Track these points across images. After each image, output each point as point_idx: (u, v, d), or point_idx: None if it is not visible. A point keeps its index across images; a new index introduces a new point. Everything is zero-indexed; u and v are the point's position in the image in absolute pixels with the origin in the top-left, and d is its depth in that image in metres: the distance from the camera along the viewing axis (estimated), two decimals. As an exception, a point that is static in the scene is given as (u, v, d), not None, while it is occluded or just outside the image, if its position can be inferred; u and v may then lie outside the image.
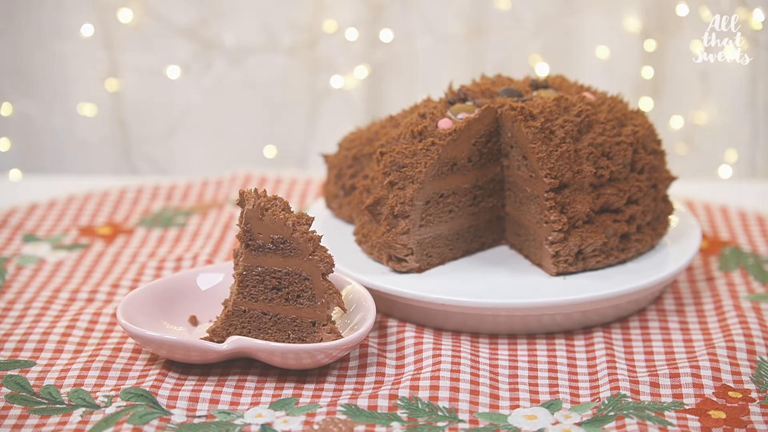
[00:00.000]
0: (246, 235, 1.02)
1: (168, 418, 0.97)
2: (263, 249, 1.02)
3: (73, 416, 0.97)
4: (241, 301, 1.03)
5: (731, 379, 1.02)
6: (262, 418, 0.97)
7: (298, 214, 1.02)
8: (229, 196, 1.37)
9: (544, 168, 1.08)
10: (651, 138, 1.15)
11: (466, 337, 1.08)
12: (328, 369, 1.03)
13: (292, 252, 1.01)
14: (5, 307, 1.13)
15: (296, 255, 1.01)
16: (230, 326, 1.03)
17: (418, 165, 1.09)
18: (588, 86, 1.17)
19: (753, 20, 1.49)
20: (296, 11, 1.55)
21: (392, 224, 1.10)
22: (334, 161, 1.21)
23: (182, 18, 1.54)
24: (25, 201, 1.35)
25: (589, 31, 1.57)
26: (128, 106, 1.58)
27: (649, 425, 0.95)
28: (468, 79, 1.22)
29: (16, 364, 1.04)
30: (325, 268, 1.01)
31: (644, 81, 1.57)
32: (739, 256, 1.22)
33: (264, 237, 1.01)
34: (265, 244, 1.01)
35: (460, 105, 1.13)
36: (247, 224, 1.01)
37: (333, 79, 1.57)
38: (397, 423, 0.96)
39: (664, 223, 1.15)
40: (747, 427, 0.96)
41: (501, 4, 1.56)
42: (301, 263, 1.01)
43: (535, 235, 1.12)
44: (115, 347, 1.06)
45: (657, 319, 1.11)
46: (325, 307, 1.02)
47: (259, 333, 1.04)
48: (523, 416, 0.98)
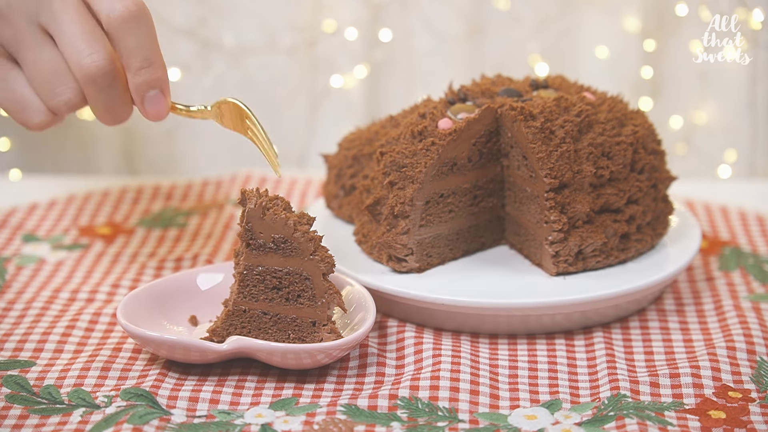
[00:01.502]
0: (247, 234, 1.02)
1: (168, 418, 0.97)
2: (264, 248, 1.02)
3: (73, 416, 0.97)
4: (242, 301, 1.03)
5: (731, 379, 1.02)
6: (262, 418, 0.97)
7: (299, 213, 1.02)
8: (229, 196, 1.37)
9: (544, 168, 1.08)
10: (651, 138, 1.15)
11: (466, 337, 1.08)
12: (328, 369, 1.03)
13: (293, 252, 1.01)
14: (5, 307, 1.13)
15: (297, 255, 1.01)
16: (230, 326, 1.03)
17: (418, 165, 1.09)
18: (588, 86, 1.17)
19: (753, 20, 1.48)
20: (296, 11, 1.55)
21: (392, 224, 1.10)
22: (334, 161, 1.21)
23: (181, 18, 1.54)
24: (25, 201, 1.35)
25: (589, 31, 1.57)
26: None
27: (649, 425, 0.95)
28: (468, 79, 1.22)
29: (16, 364, 1.04)
30: (326, 268, 1.01)
31: (644, 81, 1.56)
32: (739, 256, 1.22)
33: (265, 236, 1.01)
34: (266, 243, 1.01)
35: (460, 105, 1.13)
36: (248, 223, 1.01)
37: (333, 79, 1.57)
38: (397, 423, 0.96)
39: (664, 223, 1.15)
40: (747, 427, 0.96)
41: (501, 4, 1.56)
42: (302, 263, 1.01)
43: (535, 235, 1.12)
44: (115, 347, 1.06)
45: (657, 319, 1.11)
46: (326, 307, 1.02)
47: (260, 333, 1.04)
48: (523, 416, 0.98)
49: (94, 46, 1.02)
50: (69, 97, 1.03)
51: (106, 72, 1.02)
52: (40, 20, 1.03)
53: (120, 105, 1.04)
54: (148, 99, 1.03)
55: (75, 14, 1.02)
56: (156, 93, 1.03)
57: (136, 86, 1.03)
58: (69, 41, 1.02)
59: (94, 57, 1.01)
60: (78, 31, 1.02)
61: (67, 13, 1.02)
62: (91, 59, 1.01)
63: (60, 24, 1.02)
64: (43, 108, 1.04)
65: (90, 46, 1.02)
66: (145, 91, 1.03)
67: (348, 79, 1.57)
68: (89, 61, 1.01)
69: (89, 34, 1.02)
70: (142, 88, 1.03)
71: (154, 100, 1.03)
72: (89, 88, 1.03)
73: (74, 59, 1.02)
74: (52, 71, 1.03)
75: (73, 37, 1.02)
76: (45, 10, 1.03)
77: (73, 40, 1.02)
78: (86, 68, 1.02)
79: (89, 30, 1.02)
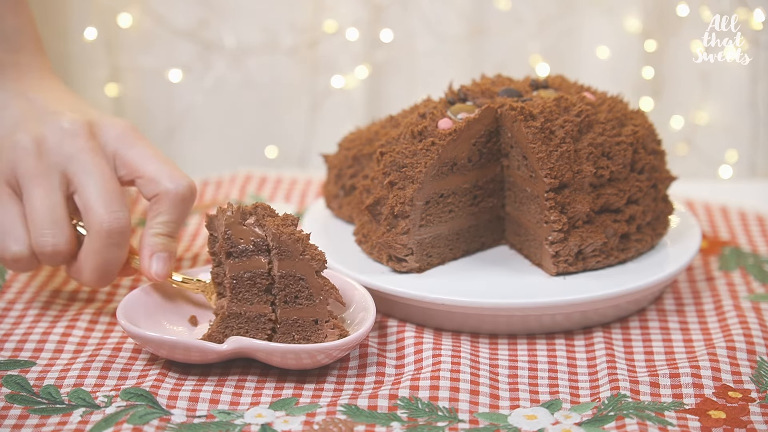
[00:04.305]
0: (228, 243, 1.02)
1: (168, 418, 0.97)
2: (246, 253, 1.02)
3: (73, 416, 0.97)
4: (235, 305, 1.03)
5: (731, 379, 1.02)
6: (262, 418, 0.97)
7: (283, 216, 1.02)
8: (229, 196, 1.37)
9: (544, 168, 1.08)
10: (651, 138, 1.15)
11: (466, 337, 1.08)
12: (328, 369, 1.03)
13: (282, 254, 1.01)
14: (5, 307, 1.13)
15: (287, 257, 1.01)
16: (226, 328, 1.03)
17: (418, 165, 1.09)
18: (588, 86, 1.17)
19: (753, 20, 1.48)
20: (296, 12, 1.55)
21: (392, 224, 1.10)
22: (334, 161, 1.21)
23: (182, 19, 1.54)
24: (26, 201, 1.35)
25: (589, 32, 1.57)
26: (129, 108, 1.58)
27: (649, 425, 0.95)
28: (468, 79, 1.22)
29: (16, 364, 1.04)
30: (318, 265, 1.01)
31: (644, 81, 1.56)
32: (739, 256, 1.22)
33: (246, 241, 1.02)
34: (248, 247, 1.02)
35: (460, 105, 1.13)
36: (228, 231, 1.01)
37: (333, 80, 1.57)
38: (397, 423, 0.96)
39: (664, 223, 1.15)
40: (747, 427, 0.96)
41: (501, 5, 1.56)
42: (294, 264, 1.01)
43: (535, 235, 1.12)
44: (115, 347, 1.06)
45: (657, 319, 1.11)
46: (325, 304, 1.02)
47: (262, 337, 1.03)
48: (523, 416, 0.98)
49: (114, 206, 1.07)
50: (58, 242, 1.07)
51: (123, 231, 1.07)
52: (65, 169, 1.07)
53: (116, 266, 1.08)
54: (156, 256, 1.08)
55: (100, 178, 1.07)
56: (165, 255, 1.08)
57: (152, 244, 1.08)
58: (88, 197, 1.07)
59: (116, 215, 1.06)
60: (101, 190, 1.07)
61: (91, 176, 1.07)
62: (114, 216, 1.06)
63: (85, 181, 1.07)
64: (26, 242, 1.07)
65: (109, 206, 1.06)
66: (159, 250, 1.08)
67: (349, 79, 1.57)
68: (112, 218, 1.06)
69: (111, 194, 1.07)
70: (156, 247, 1.08)
71: (161, 260, 1.08)
72: (101, 241, 1.06)
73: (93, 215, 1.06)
74: (51, 213, 1.07)
75: (95, 194, 1.07)
76: (71, 162, 1.07)
77: (94, 198, 1.06)
78: (107, 224, 1.06)
79: (112, 190, 1.07)
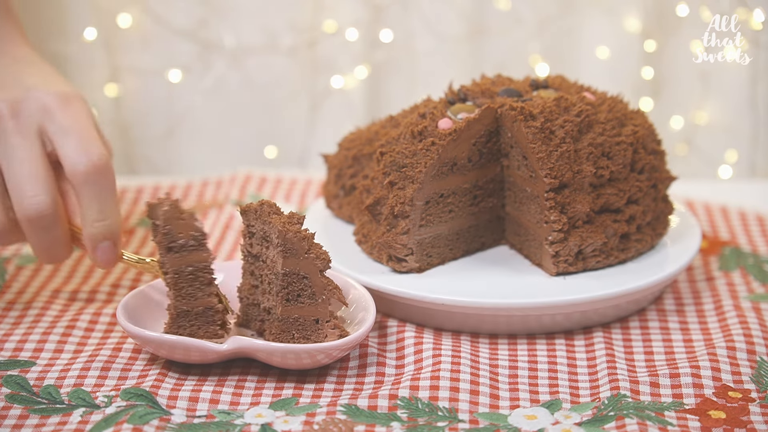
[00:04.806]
0: (167, 238, 1.02)
1: (168, 418, 0.97)
2: (186, 247, 1.02)
3: (73, 416, 0.97)
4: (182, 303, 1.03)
5: (731, 379, 1.02)
6: (262, 418, 0.97)
7: (288, 214, 1.02)
8: (229, 196, 1.37)
9: (544, 168, 1.08)
10: (651, 138, 1.15)
11: (466, 337, 1.08)
12: (328, 369, 1.03)
13: (287, 252, 1.01)
14: (5, 307, 1.13)
15: (292, 255, 1.01)
16: (179, 327, 1.04)
17: (418, 165, 1.09)
18: (588, 86, 1.17)
19: (753, 20, 1.48)
20: (296, 12, 1.55)
21: (392, 224, 1.10)
22: (334, 161, 1.21)
23: (182, 19, 1.54)
24: (26, 201, 1.35)
25: (589, 32, 1.57)
26: (129, 109, 1.58)
27: (649, 425, 0.95)
28: (468, 79, 1.22)
29: (16, 364, 1.04)
30: (322, 264, 1.01)
31: (644, 81, 1.56)
32: (739, 256, 1.22)
33: (185, 236, 1.02)
34: (187, 242, 1.02)
35: (460, 105, 1.13)
36: (166, 226, 1.01)
37: (333, 80, 1.57)
38: (397, 423, 0.96)
39: (664, 223, 1.15)
40: (747, 427, 0.96)
41: (501, 5, 1.56)
42: (298, 262, 1.01)
43: (535, 235, 1.12)
44: (115, 347, 1.06)
45: (657, 319, 1.11)
46: (327, 304, 1.02)
47: (267, 336, 1.04)
48: (523, 416, 0.98)
49: (38, 188, 1.05)
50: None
51: (47, 215, 1.05)
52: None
53: (57, 247, 1.07)
54: (100, 249, 1.06)
55: (27, 153, 1.05)
56: (108, 244, 1.06)
57: (91, 236, 1.06)
58: (15, 179, 1.05)
59: (36, 199, 1.04)
60: (26, 172, 1.05)
61: (21, 150, 1.05)
62: (34, 200, 1.04)
63: (11, 160, 1.05)
64: None
65: (34, 188, 1.04)
66: (99, 241, 1.06)
67: (348, 79, 1.57)
68: (31, 203, 1.04)
69: (35, 176, 1.05)
70: (96, 238, 1.06)
71: (106, 251, 1.06)
72: (27, 227, 1.05)
73: (17, 198, 1.05)
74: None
75: (19, 176, 1.05)
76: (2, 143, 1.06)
77: (19, 179, 1.05)
78: (26, 209, 1.05)
79: (36, 172, 1.05)
